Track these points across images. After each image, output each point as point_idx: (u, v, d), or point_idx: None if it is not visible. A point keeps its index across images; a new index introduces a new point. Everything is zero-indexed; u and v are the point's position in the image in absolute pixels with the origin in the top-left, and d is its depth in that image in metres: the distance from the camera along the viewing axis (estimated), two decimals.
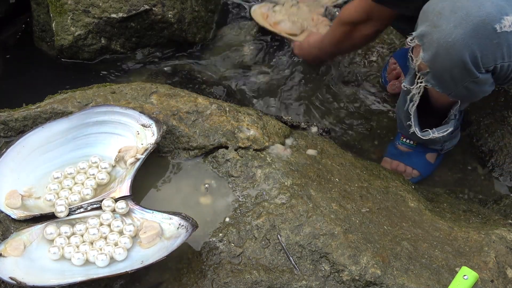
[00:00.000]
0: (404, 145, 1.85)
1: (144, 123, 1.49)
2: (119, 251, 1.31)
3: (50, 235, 1.34)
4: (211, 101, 1.60)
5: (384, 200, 1.48)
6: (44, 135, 1.46)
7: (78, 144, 1.49)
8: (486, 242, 1.38)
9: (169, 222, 1.35)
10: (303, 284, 1.29)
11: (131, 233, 1.35)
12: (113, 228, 1.36)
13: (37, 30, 2.15)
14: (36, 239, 1.33)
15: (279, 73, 2.14)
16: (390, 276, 1.28)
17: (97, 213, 1.38)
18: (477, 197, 1.82)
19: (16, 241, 1.31)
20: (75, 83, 1.99)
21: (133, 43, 2.09)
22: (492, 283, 1.30)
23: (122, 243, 1.33)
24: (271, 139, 1.54)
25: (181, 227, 1.33)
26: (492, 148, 1.88)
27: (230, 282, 1.30)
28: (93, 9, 2.01)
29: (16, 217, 1.36)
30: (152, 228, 1.35)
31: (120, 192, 1.40)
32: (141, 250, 1.33)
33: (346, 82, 2.13)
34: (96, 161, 1.46)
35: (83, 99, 1.57)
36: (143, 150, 1.45)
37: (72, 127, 1.48)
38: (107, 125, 1.50)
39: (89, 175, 1.44)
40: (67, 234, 1.35)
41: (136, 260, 1.30)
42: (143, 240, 1.33)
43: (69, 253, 1.31)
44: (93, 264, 1.31)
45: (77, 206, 1.39)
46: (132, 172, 1.42)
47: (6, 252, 1.29)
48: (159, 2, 2.04)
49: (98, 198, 1.40)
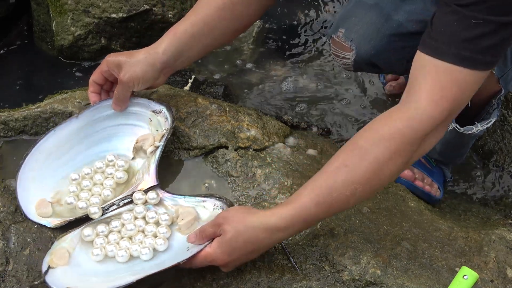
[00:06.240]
0: (426, 160, 1.75)
1: (155, 109, 1.48)
2: (160, 242, 1.31)
3: (88, 237, 1.32)
4: (211, 101, 1.60)
5: (384, 200, 1.48)
6: (57, 139, 1.44)
7: (92, 141, 1.47)
8: (486, 242, 1.38)
9: (203, 205, 1.35)
10: (303, 284, 1.29)
11: (167, 222, 1.34)
12: (149, 220, 1.35)
13: (37, 30, 2.16)
14: (77, 244, 1.32)
15: (279, 73, 2.14)
16: (390, 276, 1.28)
17: (129, 207, 1.37)
18: (477, 197, 1.82)
19: (60, 250, 1.30)
20: (75, 83, 2.00)
21: (133, 43, 2.09)
22: (492, 283, 1.30)
23: (161, 233, 1.32)
24: (271, 139, 1.54)
25: (216, 208, 1.34)
26: (492, 148, 1.88)
27: (230, 282, 1.30)
28: (93, 9, 2.01)
29: (52, 225, 1.35)
30: (188, 213, 1.34)
31: (148, 183, 1.39)
32: (181, 237, 1.32)
33: (346, 82, 2.13)
34: (112, 159, 1.45)
35: (83, 99, 1.57)
36: (160, 137, 1.43)
37: (83, 126, 1.46)
38: (118, 117, 1.48)
39: (107, 175, 1.43)
40: (104, 233, 1.33)
41: (180, 248, 1.29)
42: (182, 227, 1.33)
43: (111, 252, 1.30)
44: (137, 258, 1.30)
45: (109, 204, 1.38)
46: (154, 161, 1.40)
47: (53, 263, 1.27)
48: (159, 2, 2.04)
49: (127, 192, 1.39)
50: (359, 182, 1.18)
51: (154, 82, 1.45)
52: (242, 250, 1.21)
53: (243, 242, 1.20)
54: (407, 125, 1.18)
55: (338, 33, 1.55)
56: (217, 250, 1.21)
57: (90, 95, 1.48)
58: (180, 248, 1.30)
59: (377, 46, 1.52)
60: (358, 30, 1.52)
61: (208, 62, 2.16)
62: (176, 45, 1.43)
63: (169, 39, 1.44)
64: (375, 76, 2.13)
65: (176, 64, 1.46)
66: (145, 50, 1.44)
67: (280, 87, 2.10)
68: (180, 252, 1.29)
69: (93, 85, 1.47)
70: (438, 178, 1.72)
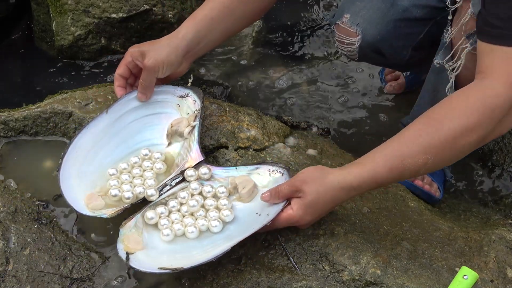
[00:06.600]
0: None
1: (181, 94, 1.49)
2: (227, 213, 1.32)
3: (152, 220, 1.33)
4: (211, 101, 1.60)
5: (384, 200, 1.48)
6: (91, 136, 1.44)
7: (124, 135, 1.47)
8: (486, 242, 1.38)
9: (258, 172, 1.37)
10: (303, 284, 1.29)
11: (225, 193, 1.36)
12: (206, 195, 1.36)
13: (37, 30, 2.16)
14: (143, 229, 1.33)
15: (279, 73, 2.14)
16: (390, 276, 1.28)
17: (182, 186, 1.39)
18: (477, 197, 1.82)
19: (131, 236, 1.30)
20: (75, 83, 2.00)
21: (133, 43, 2.08)
22: (492, 283, 1.30)
23: (223, 205, 1.34)
24: (271, 139, 1.54)
25: (273, 172, 1.35)
26: (492, 148, 1.88)
27: (230, 282, 1.30)
28: (93, 9, 2.01)
29: (108, 215, 1.33)
30: (247, 181, 1.35)
31: (194, 160, 1.41)
32: (244, 206, 1.34)
33: (346, 82, 2.13)
34: (146, 153, 1.45)
35: (83, 99, 1.57)
36: (194, 118, 1.45)
37: (113, 121, 1.46)
38: (145, 108, 1.48)
39: (145, 168, 1.43)
40: (165, 214, 1.34)
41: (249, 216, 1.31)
42: (244, 195, 1.34)
43: (179, 230, 1.31)
44: (206, 233, 1.31)
45: (162, 185, 1.39)
46: (195, 139, 1.42)
47: (130, 249, 1.27)
48: (159, 2, 2.04)
49: (175, 172, 1.41)
50: (431, 153, 1.20)
51: (178, 68, 1.47)
52: (322, 210, 1.28)
53: (324, 203, 1.26)
54: (485, 103, 1.19)
55: (343, 18, 1.56)
56: (299, 212, 1.26)
57: (116, 89, 1.49)
58: (249, 216, 1.32)
59: (383, 31, 1.54)
60: (364, 15, 1.53)
61: (208, 62, 2.16)
62: (196, 29, 1.45)
63: (188, 24, 1.46)
64: (375, 76, 2.13)
65: (198, 49, 1.47)
66: (166, 37, 1.47)
67: (280, 87, 2.10)
68: (250, 219, 1.30)
69: (119, 79, 1.49)
70: (438, 177, 1.72)
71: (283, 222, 1.27)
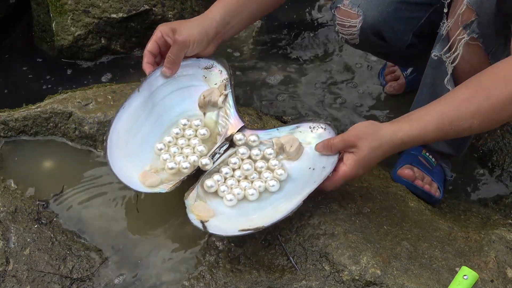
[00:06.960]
0: (426, 159, 1.70)
1: (206, 65, 1.51)
2: (280, 172, 1.36)
3: (212, 188, 1.36)
4: None
5: (384, 200, 1.48)
6: (128, 116, 1.44)
7: (159, 111, 1.47)
8: (486, 242, 1.38)
9: (299, 130, 1.40)
10: (303, 284, 1.29)
11: (273, 154, 1.39)
12: (255, 158, 1.40)
13: (37, 30, 2.16)
14: (205, 198, 1.35)
15: (279, 73, 2.14)
16: (390, 276, 1.28)
17: (230, 153, 1.41)
18: (477, 197, 1.82)
19: (200, 205, 1.32)
20: (75, 83, 2.00)
21: (133, 43, 2.09)
22: (492, 283, 1.30)
23: (274, 165, 1.37)
24: None
25: (315, 128, 1.39)
26: (492, 148, 1.88)
27: (230, 282, 1.30)
28: (93, 9, 2.01)
29: (167, 189, 1.34)
30: (293, 140, 1.38)
31: (236, 126, 1.44)
32: (293, 164, 1.37)
33: (346, 82, 2.13)
34: (185, 123, 1.47)
35: (83, 99, 1.57)
36: (224, 87, 1.47)
37: (146, 98, 1.47)
38: (173, 83, 1.49)
39: (189, 136, 1.45)
40: (221, 181, 1.37)
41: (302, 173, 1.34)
42: (292, 153, 1.37)
43: (239, 194, 1.34)
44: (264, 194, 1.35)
45: (212, 153, 1.41)
46: (231, 106, 1.45)
47: (204, 217, 1.29)
48: (159, 2, 2.04)
49: (221, 140, 1.43)
50: (478, 119, 1.25)
51: (205, 48, 1.49)
52: (374, 163, 1.32)
53: (375, 156, 1.30)
54: None
55: (344, 1, 1.57)
56: (354, 168, 1.30)
57: (145, 66, 1.50)
58: (301, 172, 1.35)
59: (384, 12, 1.56)
60: None
61: None
62: (224, 11, 1.49)
63: (217, 7, 1.50)
64: (375, 77, 2.13)
65: (224, 32, 1.50)
66: (196, 17, 1.50)
67: (280, 87, 2.10)
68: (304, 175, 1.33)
69: (148, 55, 1.50)
70: (438, 177, 1.71)
71: (339, 180, 1.31)
